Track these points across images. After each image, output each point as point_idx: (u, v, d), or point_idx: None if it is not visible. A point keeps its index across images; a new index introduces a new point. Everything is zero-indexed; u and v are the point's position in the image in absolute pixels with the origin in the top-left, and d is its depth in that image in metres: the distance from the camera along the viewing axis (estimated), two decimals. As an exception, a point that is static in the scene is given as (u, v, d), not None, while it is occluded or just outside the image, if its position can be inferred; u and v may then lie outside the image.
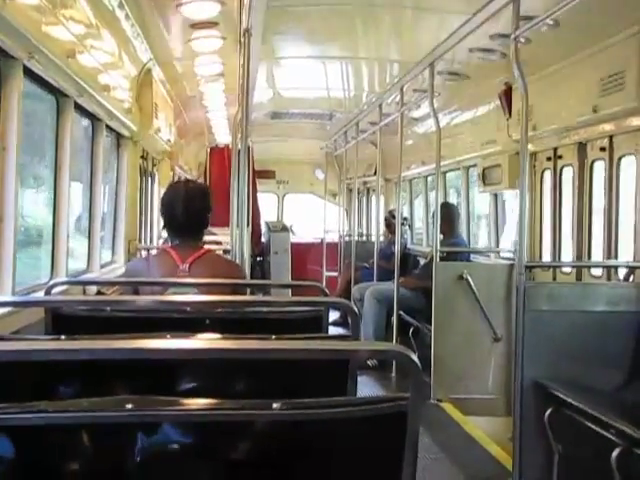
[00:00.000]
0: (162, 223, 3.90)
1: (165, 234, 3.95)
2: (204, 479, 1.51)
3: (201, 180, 12.45)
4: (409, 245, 10.86)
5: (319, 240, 13.74)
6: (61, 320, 2.78)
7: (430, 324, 6.89)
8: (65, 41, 4.27)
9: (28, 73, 3.93)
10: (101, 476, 1.48)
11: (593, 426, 4.03)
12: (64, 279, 4.71)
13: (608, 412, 4.02)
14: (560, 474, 4.54)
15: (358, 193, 14.33)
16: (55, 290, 3.38)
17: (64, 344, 1.82)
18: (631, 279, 5.28)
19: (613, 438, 3.80)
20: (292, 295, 9.91)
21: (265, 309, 2.97)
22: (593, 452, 4.11)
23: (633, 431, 3.69)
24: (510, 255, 7.67)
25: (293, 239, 13.65)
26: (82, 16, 4.68)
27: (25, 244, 4.94)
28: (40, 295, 3.78)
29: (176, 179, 10.81)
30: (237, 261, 5.06)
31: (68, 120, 4.86)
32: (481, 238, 9.68)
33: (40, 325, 2.87)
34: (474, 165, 8.57)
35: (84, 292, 5.06)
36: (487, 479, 5.04)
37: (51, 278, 4.77)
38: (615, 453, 3.70)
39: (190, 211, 3.73)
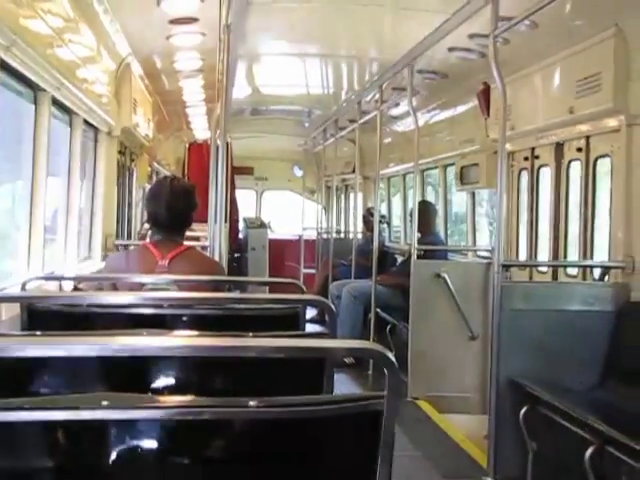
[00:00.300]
0: (145, 217, 3.88)
1: (147, 226, 3.93)
2: (180, 477, 1.51)
3: (179, 175, 12.40)
4: (387, 243, 10.88)
5: (297, 237, 13.74)
6: (37, 316, 2.76)
7: (407, 322, 6.91)
8: (43, 34, 4.24)
9: (4, 66, 3.89)
10: (76, 473, 1.47)
11: (567, 424, 4.07)
12: (40, 274, 4.68)
13: (582, 410, 4.06)
14: (534, 471, 4.58)
15: (336, 190, 14.35)
16: (31, 285, 3.36)
17: (39, 340, 1.81)
18: (606, 279, 5.33)
19: (587, 436, 3.84)
20: (269, 292, 9.90)
21: (242, 306, 2.97)
22: (567, 450, 4.16)
23: (606, 429, 3.73)
24: (487, 254, 7.71)
25: (271, 236, 13.66)
26: (60, 9, 4.65)
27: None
28: (16, 290, 3.75)
29: (154, 175, 10.76)
30: (215, 257, 5.04)
31: (45, 114, 4.82)
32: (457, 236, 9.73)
33: (15, 321, 2.84)
34: (452, 164, 8.60)
35: (60, 288, 5.02)
36: (462, 476, 5.06)
37: (27, 273, 4.73)
38: (589, 451, 3.74)
39: (174, 209, 3.71)
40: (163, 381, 2.19)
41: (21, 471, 1.44)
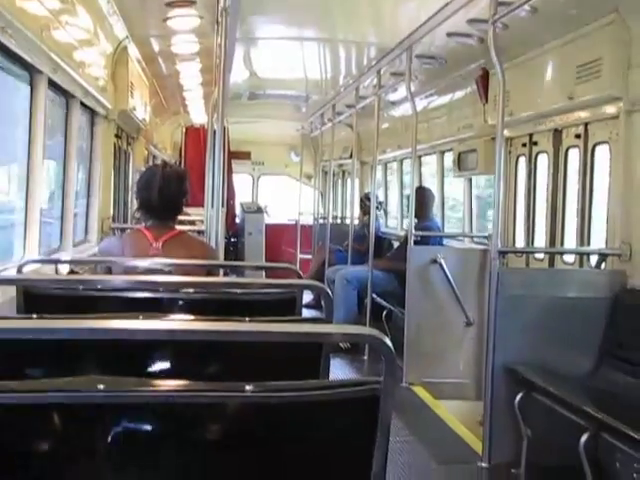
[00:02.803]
0: (136, 205, 3.88)
1: (137, 215, 3.94)
2: (175, 461, 1.51)
3: (176, 160, 12.38)
4: (383, 229, 10.88)
5: (294, 222, 13.73)
6: (33, 299, 2.75)
7: (403, 307, 6.92)
8: (39, 16, 4.21)
9: (1, 48, 3.87)
10: (72, 457, 1.47)
11: (562, 410, 4.07)
12: (36, 257, 4.67)
13: (577, 397, 4.07)
14: (529, 457, 4.59)
15: (333, 176, 14.33)
16: (27, 268, 3.35)
17: (35, 323, 1.81)
18: (603, 266, 5.33)
19: (582, 422, 3.85)
20: (266, 277, 9.90)
21: (239, 291, 2.96)
22: (562, 436, 4.16)
23: (601, 416, 3.74)
24: (484, 240, 7.71)
25: (267, 220, 13.64)
26: (57, -9, 4.62)
27: None
28: (12, 273, 3.74)
29: (151, 158, 10.73)
30: (212, 242, 5.04)
31: (42, 97, 4.79)
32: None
33: (11, 304, 2.84)
34: (450, 149, 8.58)
35: (56, 271, 5.01)
36: (457, 462, 5.08)
37: (23, 256, 4.72)
38: (584, 437, 3.75)
39: (165, 196, 3.72)
40: (159, 365, 2.19)
41: (17, 454, 1.44)
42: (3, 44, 3.84)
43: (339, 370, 7.12)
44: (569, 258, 6.15)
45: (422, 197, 7.99)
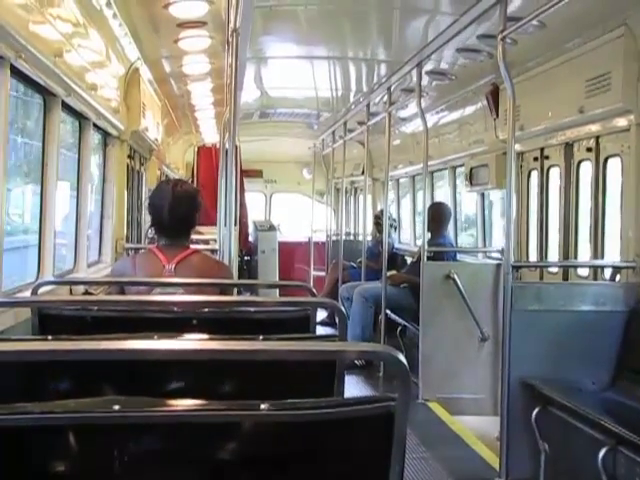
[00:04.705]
0: (149, 222, 3.88)
1: (152, 233, 3.94)
2: (191, 480, 1.51)
3: (188, 179, 12.42)
4: (397, 245, 10.87)
5: (306, 239, 13.74)
6: (48, 320, 2.77)
7: (418, 323, 6.90)
8: (53, 40, 4.26)
9: (16, 72, 3.91)
10: (88, 478, 1.47)
11: (580, 425, 4.05)
12: (51, 279, 4.69)
13: (595, 411, 4.04)
14: (547, 473, 4.56)
15: (346, 193, 14.35)
16: (42, 290, 3.37)
17: (51, 344, 1.81)
18: (617, 279, 5.30)
19: (600, 437, 3.82)
20: (280, 295, 9.90)
21: (252, 309, 2.97)
22: (580, 451, 4.14)
23: (619, 430, 3.71)
24: (497, 255, 7.69)
25: (280, 238, 13.64)
26: (69, 15, 4.67)
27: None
28: (27, 295, 3.76)
29: (164, 178, 10.78)
30: (225, 260, 5.05)
31: (56, 119, 4.84)
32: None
33: (26, 325, 2.86)
34: (461, 165, 8.59)
35: (71, 292, 5.04)
36: (475, 478, 5.05)
37: (38, 278, 4.75)
38: (602, 452, 3.72)
39: (176, 213, 3.69)
40: (174, 385, 2.19)
41: (33, 475, 1.44)
42: (17, 69, 3.88)
43: (354, 387, 7.10)
44: (583, 272, 6.12)
45: (436, 213, 7.97)
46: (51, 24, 4.19)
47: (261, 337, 2.24)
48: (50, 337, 2.32)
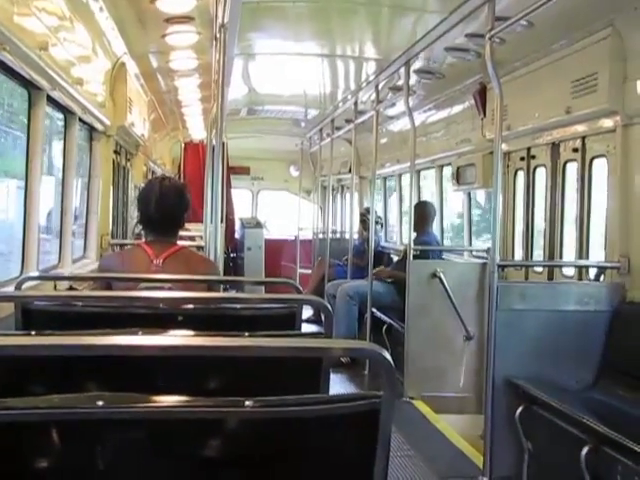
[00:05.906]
0: (137, 218, 3.89)
1: (139, 228, 3.93)
2: (176, 477, 1.50)
3: (175, 175, 12.39)
4: (383, 243, 10.88)
5: (293, 237, 13.73)
6: (31, 315, 2.74)
7: (403, 322, 6.91)
8: (38, 33, 4.22)
9: (0, 65, 3.88)
10: (72, 474, 1.46)
11: (563, 424, 4.07)
12: (35, 274, 4.66)
13: (578, 410, 4.06)
14: (530, 471, 4.58)
15: (332, 190, 14.35)
16: (26, 285, 3.35)
17: (34, 340, 1.80)
18: (601, 279, 5.33)
19: (582, 436, 3.84)
20: (266, 292, 9.89)
21: (238, 306, 2.96)
22: (563, 449, 4.16)
23: (602, 429, 3.73)
24: (483, 254, 7.71)
25: (267, 236, 13.63)
26: (55, 8, 4.63)
27: None
28: (10, 290, 3.74)
29: (150, 174, 10.74)
30: (211, 257, 5.03)
31: (40, 113, 4.80)
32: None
33: (10, 320, 2.83)
34: (448, 164, 8.60)
35: (55, 287, 5.01)
36: (458, 476, 5.06)
37: (22, 273, 4.72)
38: (584, 451, 3.75)
39: (164, 209, 3.72)
40: (159, 381, 2.18)
41: (16, 471, 1.43)
42: (1, 61, 3.85)
43: (339, 385, 7.11)
44: (568, 271, 6.15)
45: (422, 211, 7.99)
46: (36, 17, 4.16)
47: (247, 334, 2.23)
48: (33, 332, 2.30)
